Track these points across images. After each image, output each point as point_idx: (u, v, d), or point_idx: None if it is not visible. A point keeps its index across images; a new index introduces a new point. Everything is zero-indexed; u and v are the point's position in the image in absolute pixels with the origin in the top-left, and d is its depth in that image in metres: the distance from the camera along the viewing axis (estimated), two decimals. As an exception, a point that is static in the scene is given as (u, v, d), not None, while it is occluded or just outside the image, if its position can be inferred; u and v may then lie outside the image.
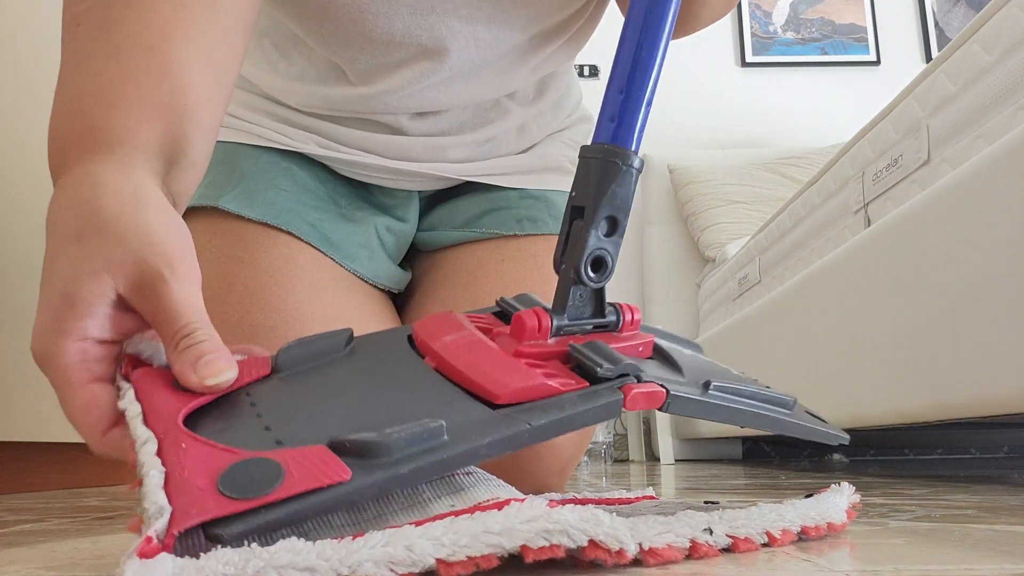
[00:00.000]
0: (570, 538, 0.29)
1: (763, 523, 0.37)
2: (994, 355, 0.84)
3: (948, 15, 2.93)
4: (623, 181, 0.40)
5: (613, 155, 0.40)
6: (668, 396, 0.37)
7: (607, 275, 0.40)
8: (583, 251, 0.40)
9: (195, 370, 0.35)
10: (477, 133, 0.72)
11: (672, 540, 0.33)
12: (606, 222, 0.40)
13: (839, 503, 0.42)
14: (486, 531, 0.28)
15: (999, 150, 0.84)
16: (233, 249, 0.62)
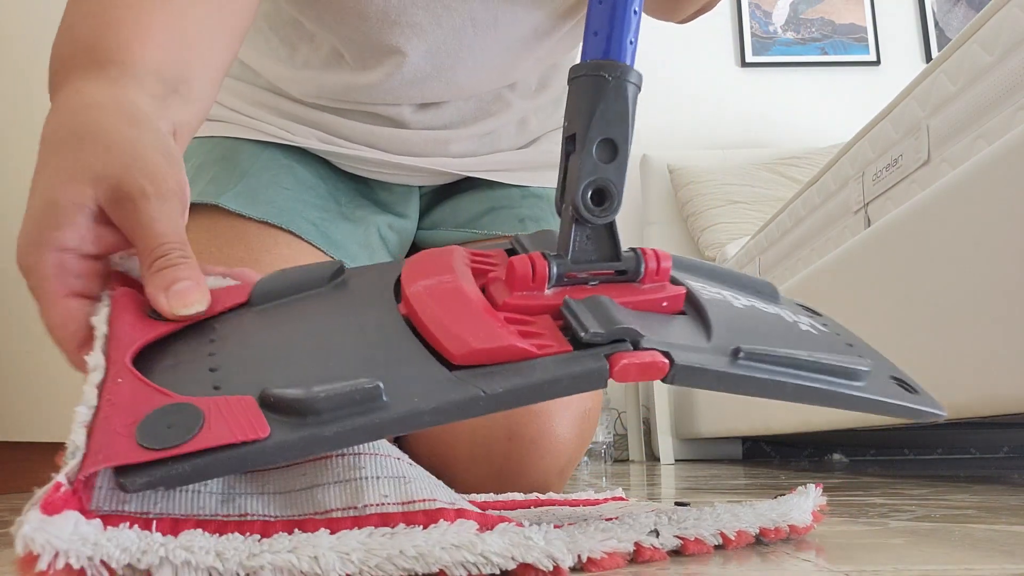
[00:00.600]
0: (495, 565, 0.28)
1: (716, 524, 0.36)
2: (994, 355, 0.84)
3: (948, 15, 2.93)
4: (617, 96, 0.35)
5: (599, 69, 0.35)
6: (673, 367, 0.32)
7: (613, 207, 0.35)
8: (579, 181, 0.35)
9: (166, 296, 0.34)
10: (478, 126, 0.72)
11: (615, 546, 0.31)
12: (602, 146, 0.35)
13: (803, 505, 0.41)
14: (401, 553, 0.27)
15: (999, 150, 0.84)
16: (234, 248, 0.62)
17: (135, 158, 0.36)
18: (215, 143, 0.69)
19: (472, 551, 0.28)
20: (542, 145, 0.78)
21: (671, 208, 2.61)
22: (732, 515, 0.37)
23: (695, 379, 0.33)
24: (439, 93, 0.68)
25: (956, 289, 0.91)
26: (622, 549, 0.32)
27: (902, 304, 1.04)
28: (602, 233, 0.36)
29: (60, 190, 0.35)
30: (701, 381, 0.33)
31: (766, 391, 0.34)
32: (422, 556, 0.28)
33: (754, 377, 0.34)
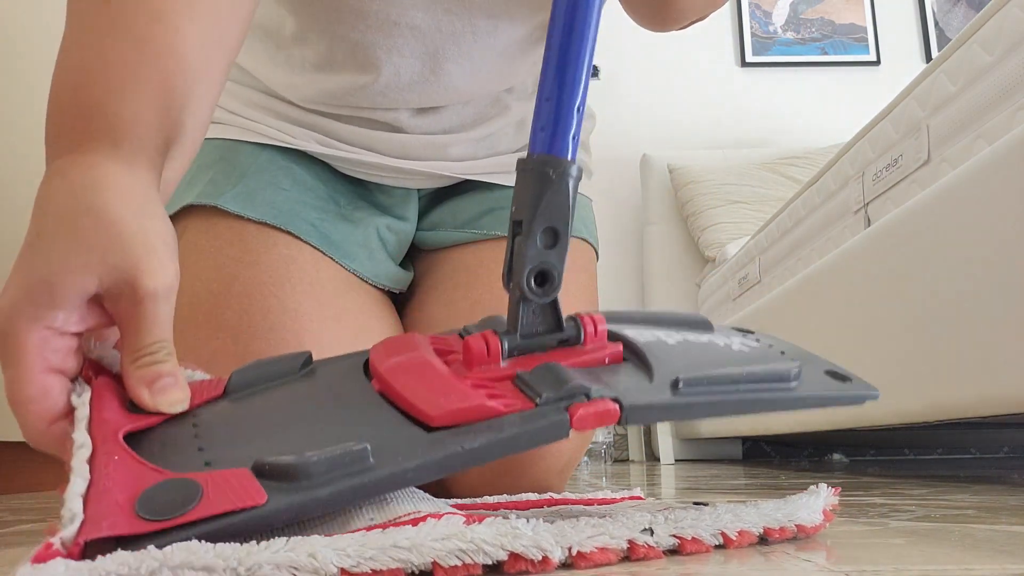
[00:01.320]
0: (486, 555, 0.30)
1: (716, 524, 0.36)
2: (994, 355, 0.84)
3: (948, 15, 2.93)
4: (558, 190, 0.38)
5: (545, 165, 0.38)
6: (623, 410, 0.35)
7: (554, 288, 0.39)
8: (523, 266, 0.38)
9: (150, 391, 0.35)
10: (476, 130, 0.72)
11: (606, 542, 0.32)
12: (545, 234, 0.38)
13: (812, 504, 0.41)
14: (394, 545, 0.29)
15: (999, 150, 0.84)
16: (232, 249, 0.62)
17: (145, 253, 0.37)
18: (214, 145, 0.69)
19: (463, 539, 0.29)
20: None
21: (671, 208, 2.61)
22: (734, 515, 0.37)
23: (646, 416, 0.36)
24: (436, 98, 0.68)
25: (956, 289, 0.91)
26: (613, 545, 0.33)
27: (902, 304, 1.04)
28: (547, 309, 0.40)
29: (63, 274, 0.36)
30: (651, 416, 0.36)
31: (711, 411, 0.38)
32: (416, 547, 0.29)
33: (696, 402, 0.37)
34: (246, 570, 0.26)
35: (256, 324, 0.59)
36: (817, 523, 0.40)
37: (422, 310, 0.72)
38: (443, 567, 0.29)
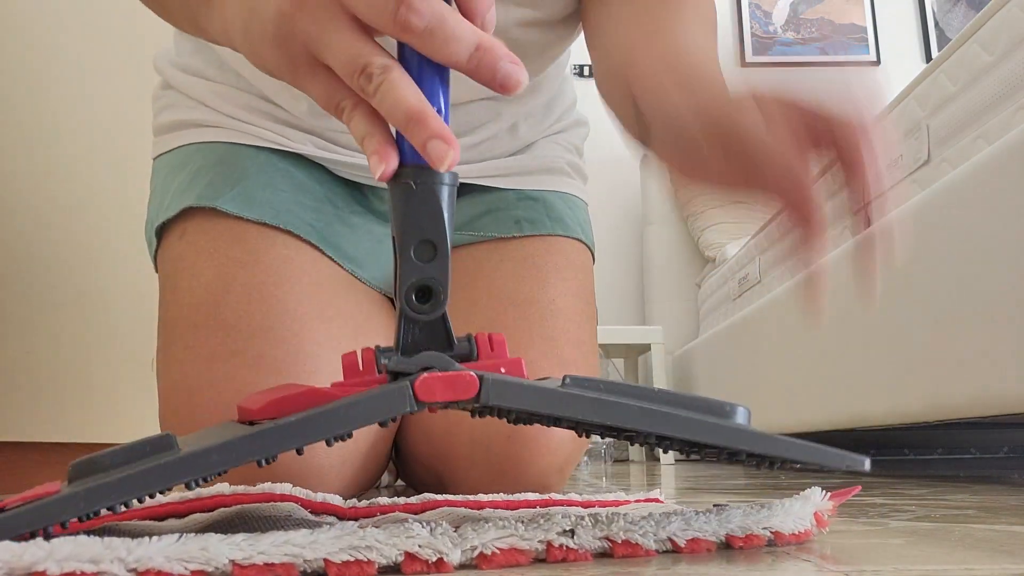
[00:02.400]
0: (380, 554, 0.29)
1: (659, 530, 0.35)
2: (994, 355, 0.84)
3: (948, 15, 2.93)
4: (426, 200, 0.36)
5: (407, 176, 0.36)
6: (483, 381, 0.32)
7: (440, 302, 0.37)
8: (403, 283, 0.36)
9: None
10: (469, 137, 0.72)
11: (515, 543, 0.31)
12: (420, 248, 0.36)
13: (796, 510, 0.38)
14: (287, 542, 0.28)
15: (999, 150, 0.84)
16: (232, 250, 0.62)
17: None
18: (213, 148, 0.69)
19: (355, 536, 0.29)
20: (536, 150, 0.78)
21: (671, 208, 2.61)
22: (684, 521, 0.35)
23: (509, 395, 0.33)
24: None
25: (956, 289, 0.91)
26: (524, 547, 0.32)
27: (902, 304, 1.04)
28: (435, 325, 0.38)
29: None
30: (517, 398, 0.33)
31: (597, 411, 0.33)
32: (311, 544, 0.29)
33: (582, 396, 0.33)
34: (135, 560, 0.26)
35: (256, 323, 0.59)
36: (801, 530, 0.38)
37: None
38: (335, 563, 0.29)
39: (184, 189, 0.66)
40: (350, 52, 0.34)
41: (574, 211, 0.77)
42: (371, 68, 0.33)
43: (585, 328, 0.70)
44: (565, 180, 0.78)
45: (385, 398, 0.32)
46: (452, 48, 0.33)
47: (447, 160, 0.33)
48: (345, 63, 0.34)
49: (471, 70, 0.34)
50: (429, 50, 0.34)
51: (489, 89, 0.35)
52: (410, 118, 0.33)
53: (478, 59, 0.34)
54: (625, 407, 0.34)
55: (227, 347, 0.58)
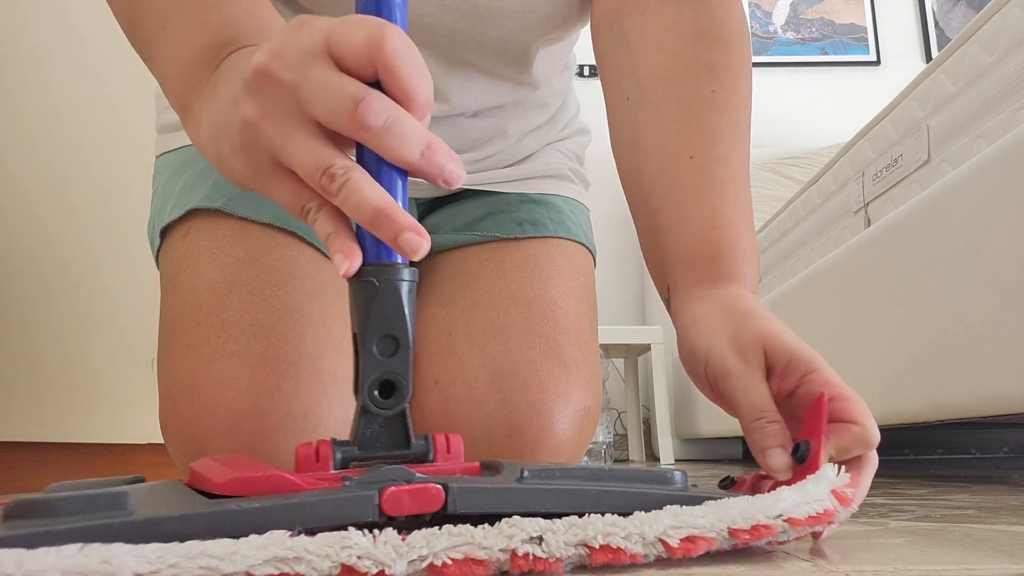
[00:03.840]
0: (311, 566, 0.27)
1: (651, 529, 0.32)
2: (994, 355, 0.84)
3: (948, 15, 2.93)
4: (388, 297, 0.37)
5: (368, 274, 0.37)
6: (449, 491, 0.32)
7: (402, 398, 0.37)
8: (364, 378, 0.37)
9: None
10: (474, 153, 0.73)
11: (472, 552, 0.29)
12: (382, 343, 0.37)
13: (813, 491, 0.35)
14: (204, 553, 0.27)
15: (999, 150, 0.84)
16: (235, 250, 0.62)
17: None
18: None
19: (282, 546, 0.27)
20: (538, 158, 0.78)
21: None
22: (675, 518, 0.33)
23: (478, 500, 0.33)
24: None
25: (956, 289, 0.91)
26: (481, 556, 0.29)
27: (902, 304, 1.04)
28: (394, 422, 0.38)
29: None
30: (486, 501, 0.33)
31: (562, 501, 0.34)
32: (230, 556, 0.27)
33: (543, 488, 0.34)
34: (23, 574, 0.24)
35: (258, 323, 0.59)
36: (820, 511, 0.35)
37: (422, 311, 0.72)
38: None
39: (188, 190, 0.66)
40: (313, 156, 0.35)
41: (576, 215, 0.77)
42: (334, 169, 0.35)
43: (586, 328, 0.70)
44: (567, 185, 0.79)
45: (350, 504, 0.31)
46: (405, 147, 0.35)
47: (421, 251, 0.34)
48: (308, 166, 0.35)
49: (420, 168, 0.36)
50: (384, 149, 0.35)
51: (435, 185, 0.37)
52: (377, 215, 0.34)
53: (428, 157, 0.36)
54: (584, 493, 0.35)
55: (228, 347, 0.58)
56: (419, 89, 0.36)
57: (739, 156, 0.57)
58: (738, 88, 0.61)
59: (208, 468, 0.34)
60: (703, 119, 0.56)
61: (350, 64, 0.35)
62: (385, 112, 0.34)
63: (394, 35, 0.35)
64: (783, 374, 0.44)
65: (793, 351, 0.44)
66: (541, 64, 0.70)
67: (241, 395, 0.55)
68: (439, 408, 0.63)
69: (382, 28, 0.35)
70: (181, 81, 0.46)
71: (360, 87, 0.35)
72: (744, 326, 0.46)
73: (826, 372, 0.43)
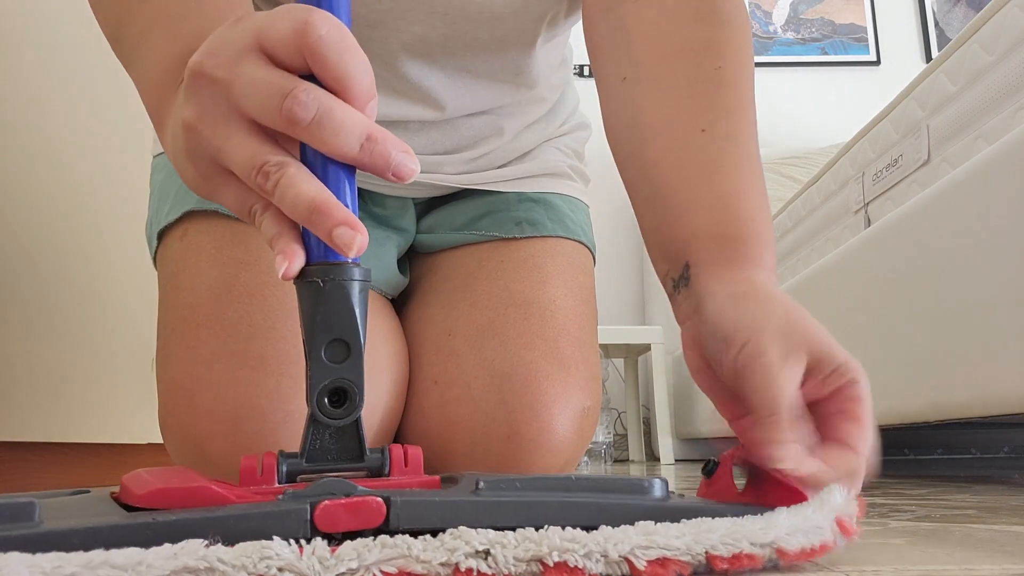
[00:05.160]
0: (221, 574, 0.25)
1: (616, 547, 0.29)
2: (994, 355, 0.84)
3: (948, 15, 2.93)
4: (335, 298, 0.34)
5: (314, 275, 0.34)
6: (391, 505, 0.30)
7: (354, 408, 0.34)
8: (313, 386, 0.34)
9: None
10: (471, 151, 0.72)
11: (408, 566, 0.27)
12: (331, 348, 0.34)
13: (812, 518, 0.32)
14: (106, 563, 0.25)
15: (999, 150, 0.84)
16: (234, 250, 0.62)
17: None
18: None
19: (194, 556, 0.25)
20: (536, 155, 0.78)
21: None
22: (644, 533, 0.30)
23: (422, 514, 0.30)
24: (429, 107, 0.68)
25: (956, 289, 0.91)
26: (417, 571, 0.27)
27: (902, 304, 1.04)
28: (346, 433, 0.35)
29: None
30: (431, 516, 0.30)
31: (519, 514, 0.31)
32: (134, 566, 0.25)
33: (498, 501, 0.31)
34: None
35: (257, 323, 0.59)
36: (815, 545, 0.31)
37: (421, 311, 0.72)
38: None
39: (185, 192, 0.66)
40: (247, 153, 0.34)
41: (575, 213, 0.77)
42: (268, 167, 0.33)
43: (586, 328, 0.70)
44: (566, 183, 0.78)
45: (278, 519, 0.29)
46: (342, 139, 0.33)
47: (355, 246, 0.32)
48: (243, 164, 0.34)
49: (363, 161, 0.34)
50: (319, 143, 0.33)
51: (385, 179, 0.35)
52: (312, 210, 0.32)
53: (370, 150, 0.34)
54: (545, 505, 0.32)
55: (228, 347, 0.58)
56: (353, 76, 0.33)
57: (750, 133, 0.52)
58: (743, 67, 0.57)
59: (133, 479, 0.32)
60: (709, 95, 0.52)
61: (281, 56, 0.34)
62: (315, 104, 0.32)
63: (320, 21, 0.33)
64: (824, 382, 0.41)
65: (842, 360, 0.40)
66: (538, 63, 0.70)
67: (240, 396, 0.55)
68: (438, 409, 0.63)
69: (307, 15, 0.33)
70: (156, 94, 0.45)
71: (289, 80, 0.33)
72: (794, 324, 0.42)
73: (864, 388, 0.40)
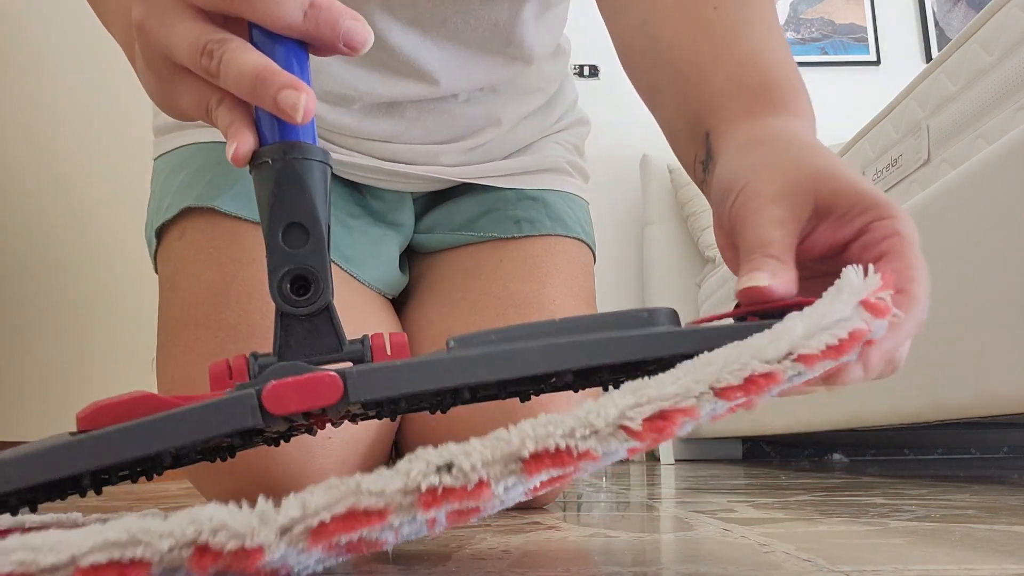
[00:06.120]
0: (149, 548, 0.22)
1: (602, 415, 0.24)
2: (994, 355, 0.84)
3: (948, 15, 2.93)
4: (289, 178, 0.32)
5: (263, 155, 0.32)
6: (347, 378, 0.27)
7: (319, 294, 0.32)
8: (272, 274, 0.32)
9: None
10: (468, 141, 0.72)
11: (361, 502, 0.22)
12: (289, 232, 0.32)
13: (829, 309, 0.26)
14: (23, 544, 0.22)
15: (999, 150, 0.84)
16: (231, 250, 0.62)
17: None
18: (212, 148, 0.69)
19: (114, 528, 0.22)
20: (535, 150, 0.78)
21: (671, 208, 2.61)
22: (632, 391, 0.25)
23: (384, 383, 0.27)
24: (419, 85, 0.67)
25: (956, 289, 0.91)
26: (373, 504, 0.22)
27: (902, 304, 1.04)
28: (319, 323, 0.33)
29: None
30: (395, 383, 0.27)
31: (495, 366, 0.27)
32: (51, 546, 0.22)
33: (471, 356, 0.28)
34: None
35: (256, 323, 0.59)
36: (844, 336, 0.26)
37: (420, 312, 0.72)
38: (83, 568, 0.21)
39: (183, 189, 0.66)
40: (190, 39, 0.33)
41: (574, 210, 0.77)
42: (210, 46, 0.32)
43: (585, 328, 0.70)
44: (565, 179, 0.78)
45: (222, 409, 0.27)
46: (283, 8, 0.31)
47: (300, 106, 0.30)
48: (188, 51, 0.33)
49: (310, 31, 0.32)
50: (260, 16, 0.32)
51: (343, 55, 0.33)
52: (256, 80, 0.31)
53: (315, 17, 0.32)
54: (524, 352, 0.28)
55: (227, 347, 0.58)
56: None
57: (769, 10, 0.48)
58: None
59: (86, 408, 0.30)
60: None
61: None
62: None
63: None
64: (843, 218, 0.34)
65: (860, 193, 0.34)
66: (531, 35, 0.69)
67: (240, 395, 0.55)
68: (438, 409, 0.63)
69: None
70: (127, 30, 0.43)
71: None
72: (799, 159, 0.36)
73: (901, 221, 0.33)
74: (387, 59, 0.64)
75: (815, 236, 0.35)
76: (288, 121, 0.31)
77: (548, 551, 0.39)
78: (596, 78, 2.72)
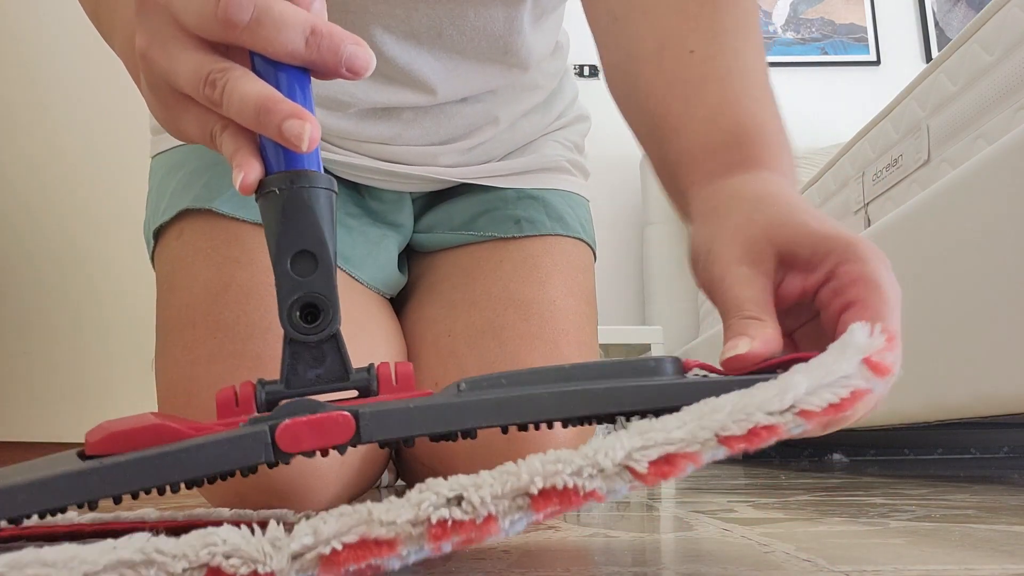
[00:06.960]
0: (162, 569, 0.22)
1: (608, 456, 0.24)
2: (994, 355, 0.84)
3: (948, 15, 2.93)
4: (297, 207, 0.32)
5: (270, 184, 0.32)
6: (359, 419, 0.28)
7: (329, 322, 0.32)
8: (282, 302, 0.32)
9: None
10: (467, 140, 0.72)
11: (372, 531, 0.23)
12: (300, 259, 0.32)
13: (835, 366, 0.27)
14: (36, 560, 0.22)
15: (999, 150, 0.84)
16: (229, 250, 0.62)
17: None
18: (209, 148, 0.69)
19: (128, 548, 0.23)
20: (535, 149, 0.77)
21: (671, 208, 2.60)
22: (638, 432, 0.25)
23: (395, 425, 0.28)
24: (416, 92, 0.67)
25: (956, 289, 0.91)
26: (384, 534, 0.23)
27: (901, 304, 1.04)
28: (326, 351, 0.33)
29: None
30: (407, 425, 0.28)
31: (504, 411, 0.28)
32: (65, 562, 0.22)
33: (481, 400, 0.28)
34: None
35: (254, 323, 0.59)
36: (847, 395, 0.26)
37: (420, 312, 0.72)
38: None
39: (181, 190, 0.66)
40: (192, 67, 0.33)
41: (575, 209, 0.77)
42: (213, 75, 0.32)
43: (586, 329, 0.70)
44: (565, 178, 0.78)
45: (236, 444, 0.27)
46: (284, 36, 0.31)
47: (305, 136, 0.30)
48: (190, 80, 0.33)
49: (312, 58, 0.32)
50: (262, 45, 0.32)
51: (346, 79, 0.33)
52: (259, 108, 0.31)
53: (317, 45, 0.32)
54: (534, 399, 0.28)
55: (225, 348, 0.58)
56: None
57: (749, 50, 0.48)
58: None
59: (95, 430, 0.30)
60: (703, 16, 0.48)
61: None
62: (250, 3, 0.31)
63: None
64: (808, 264, 0.35)
65: (818, 236, 0.34)
66: (529, 42, 0.69)
67: (239, 395, 0.55)
68: (438, 409, 0.63)
69: None
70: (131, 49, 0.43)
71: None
72: (752, 215, 0.37)
73: (863, 263, 0.34)
74: (384, 68, 0.64)
75: (787, 284, 0.36)
76: (293, 151, 0.31)
77: (548, 551, 0.39)
78: (596, 78, 2.72)
